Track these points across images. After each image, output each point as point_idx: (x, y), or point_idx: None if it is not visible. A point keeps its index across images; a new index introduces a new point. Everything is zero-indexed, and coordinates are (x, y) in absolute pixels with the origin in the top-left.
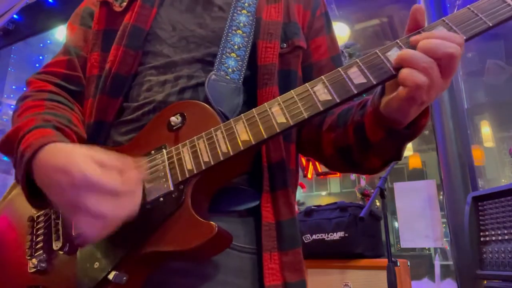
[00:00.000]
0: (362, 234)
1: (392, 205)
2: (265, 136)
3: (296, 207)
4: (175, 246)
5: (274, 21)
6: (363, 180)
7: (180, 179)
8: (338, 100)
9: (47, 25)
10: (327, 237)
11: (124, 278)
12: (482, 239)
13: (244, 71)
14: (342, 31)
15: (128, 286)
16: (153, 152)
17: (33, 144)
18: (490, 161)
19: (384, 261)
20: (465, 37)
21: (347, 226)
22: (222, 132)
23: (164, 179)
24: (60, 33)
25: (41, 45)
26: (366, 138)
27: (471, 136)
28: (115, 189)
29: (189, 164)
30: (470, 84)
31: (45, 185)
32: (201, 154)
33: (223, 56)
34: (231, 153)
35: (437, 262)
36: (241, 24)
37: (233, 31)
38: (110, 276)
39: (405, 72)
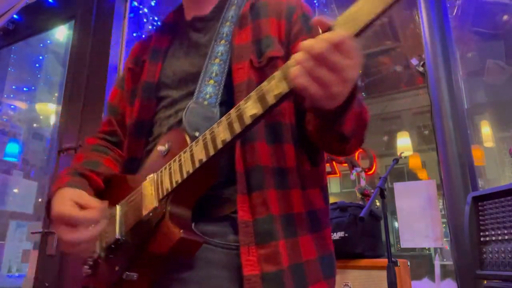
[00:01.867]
0: (362, 234)
1: (392, 205)
2: (212, 154)
3: None
4: (157, 250)
5: (243, 44)
6: (363, 180)
7: (161, 197)
8: (248, 123)
9: (47, 25)
10: None
11: (135, 276)
12: (482, 239)
13: (220, 95)
14: None
15: (139, 283)
16: (147, 178)
17: (51, 190)
18: (490, 161)
19: (384, 261)
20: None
21: (347, 226)
22: (187, 153)
23: (152, 198)
24: (60, 33)
25: (41, 45)
26: (310, 122)
27: (471, 136)
28: (75, 220)
29: (167, 183)
30: (470, 84)
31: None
32: (174, 174)
33: (202, 84)
34: (191, 171)
35: (437, 262)
36: (219, 54)
37: (212, 61)
38: (124, 276)
39: (290, 73)
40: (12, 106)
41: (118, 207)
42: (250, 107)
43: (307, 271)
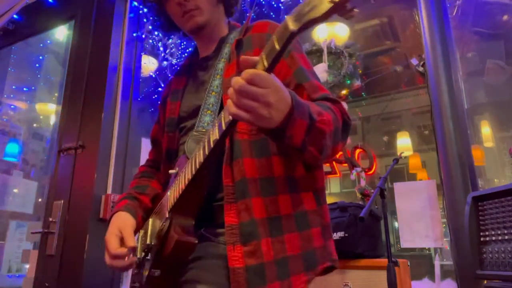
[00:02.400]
0: (362, 234)
1: (392, 205)
2: (194, 173)
3: None
4: (167, 250)
5: (229, 78)
6: (363, 180)
7: (169, 209)
8: (212, 147)
9: (47, 25)
10: None
11: (156, 272)
12: (482, 239)
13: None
14: (342, 31)
15: (161, 278)
16: (166, 195)
17: (113, 210)
18: (490, 161)
19: (384, 261)
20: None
21: (347, 226)
22: (183, 173)
23: (166, 211)
24: (60, 33)
25: (41, 45)
26: None
27: (471, 136)
28: (110, 252)
29: (171, 198)
30: (470, 84)
31: None
32: (175, 191)
33: (202, 115)
34: (184, 188)
35: (437, 262)
36: (215, 87)
37: (210, 95)
38: (150, 272)
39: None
40: (12, 106)
41: (150, 219)
42: (214, 134)
43: (291, 264)
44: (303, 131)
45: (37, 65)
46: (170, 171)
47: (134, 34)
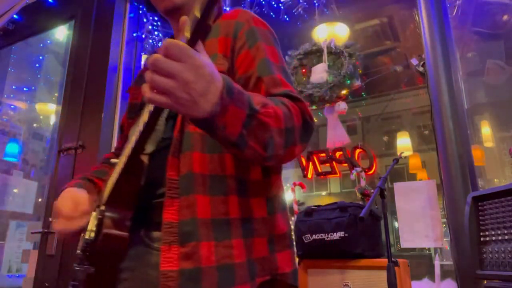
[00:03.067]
0: (362, 234)
1: (392, 205)
2: (126, 161)
3: (296, 207)
4: (96, 246)
5: None
6: (363, 180)
7: (103, 201)
8: (141, 130)
9: (47, 25)
10: (327, 237)
11: (92, 269)
12: (482, 239)
13: (168, 110)
14: (342, 31)
15: (97, 276)
16: (107, 185)
17: (65, 186)
18: (490, 161)
19: (384, 261)
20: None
21: (347, 226)
22: (118, 164)
23: (100, 202)
24: (60, 33)
25: (41, 45)
26: None
27: (471, 136)
28: (65, 213)
29: (107, 189)
30: (470, 84)
31: None
32: (111, 180)
33: None
34: (117, 177)
35: (437, 262)
36: None
37: None
38: (86, 270)
39: None
40: (12, 106)
41: (94, 212)
42: (139, 124)
43: (237, 272)
44: (240, 122)
45: (37, 65)
46: (112, 160)
47: (134, 34)
